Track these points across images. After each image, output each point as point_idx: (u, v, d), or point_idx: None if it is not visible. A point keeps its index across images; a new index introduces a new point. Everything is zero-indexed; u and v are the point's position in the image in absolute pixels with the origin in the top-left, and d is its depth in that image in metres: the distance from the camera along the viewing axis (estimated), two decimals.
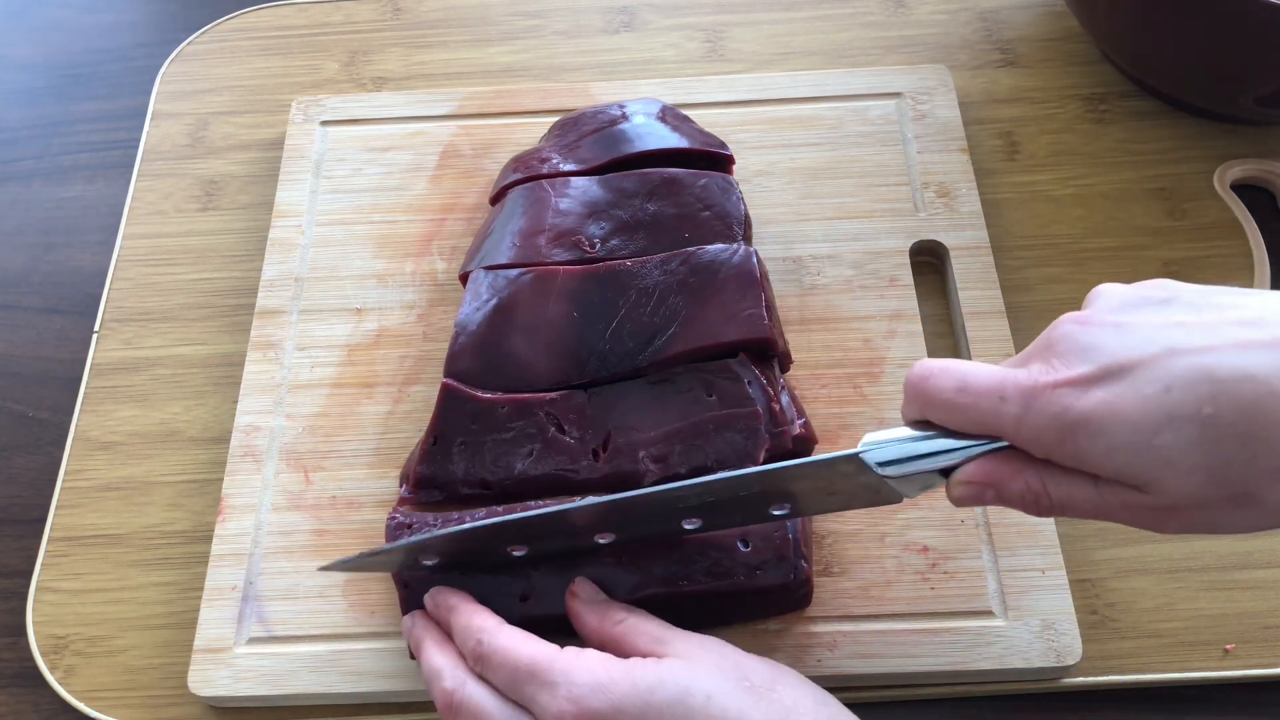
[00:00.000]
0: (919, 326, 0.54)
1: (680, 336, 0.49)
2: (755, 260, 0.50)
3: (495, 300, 0.51)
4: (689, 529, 0.43)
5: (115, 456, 0.55)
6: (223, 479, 0.52)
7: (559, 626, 0.44)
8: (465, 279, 0.53)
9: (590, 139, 0.57)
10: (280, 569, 0.49)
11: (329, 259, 0.59)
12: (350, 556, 0.45)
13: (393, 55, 0.69)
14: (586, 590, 0.44)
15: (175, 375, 0.57)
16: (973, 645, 0.46)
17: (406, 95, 0.64)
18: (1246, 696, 0.47)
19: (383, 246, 0.59)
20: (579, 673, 0.39)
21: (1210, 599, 0.48)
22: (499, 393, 0.49)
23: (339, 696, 0.47)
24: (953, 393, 0.37)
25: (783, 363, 0.51)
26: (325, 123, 0.63)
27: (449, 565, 0.45)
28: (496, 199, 0.57)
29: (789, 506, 0.42)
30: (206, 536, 0.51)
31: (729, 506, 0.42)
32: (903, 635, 0.46)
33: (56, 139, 0.68)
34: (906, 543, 0.48)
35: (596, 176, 0.55)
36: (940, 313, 0.56)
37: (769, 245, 0.57)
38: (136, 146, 0.66)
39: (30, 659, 0.50)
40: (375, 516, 0.50)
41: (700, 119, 0.60)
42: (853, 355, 0.54)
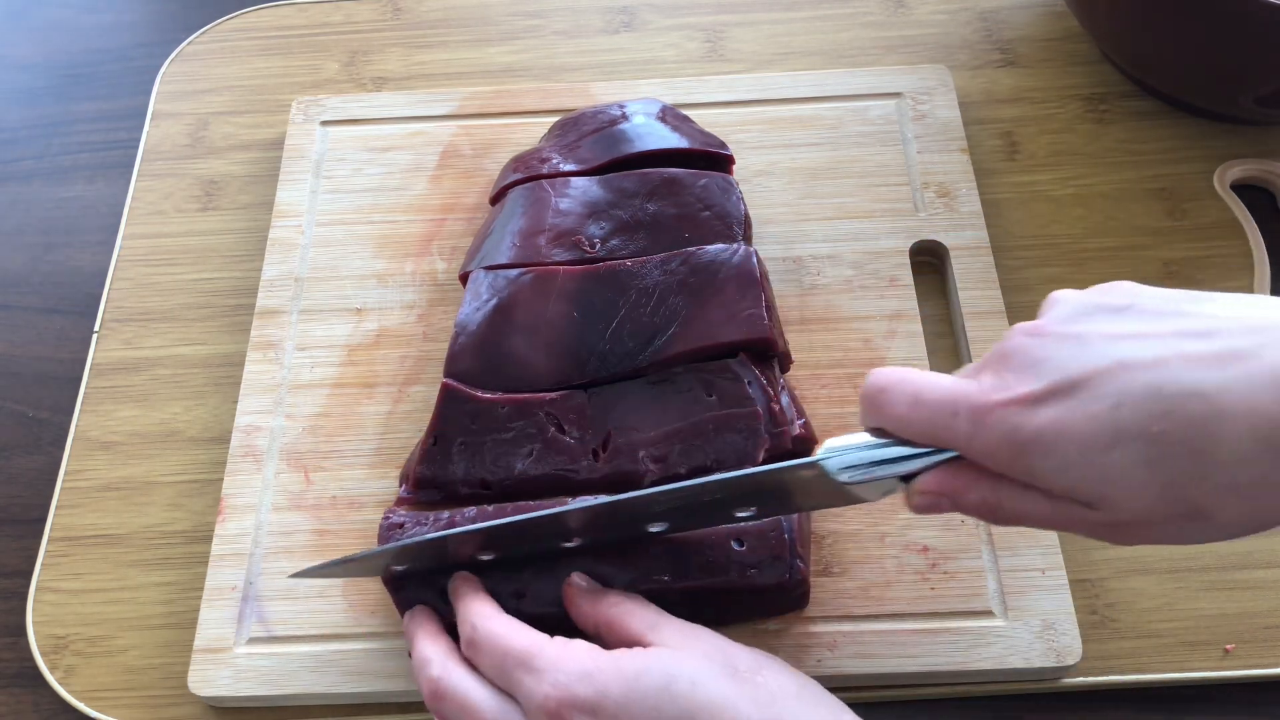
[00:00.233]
0: (919, 326, 0.54)
1: (680, 336, 0.49)
2: (755, 260, 0.50)
3: (495, 300, 0.51)
4: (654, 531, 0.43)
5: (115, 456, 0.55)
6: (223, 479, 0.52)
7: (554, 626, 0.44)
8: (465, 279, 0.53)
9: (590, 139, 0.57)
10: (280, 569, 0.49)
11: (329, 259, 0.59)
12: (317, 565, 0.46)
13: (393, 55, 0.69)
14: (584, 581, 0.44)
15: (175, 375, 0.57)
16: (973, 645, 0.46)
17: (406, 95, 0.64)
18: (1246, 696, 0.47)
19: (383, 246, 0.59)
20: (565, 661, 0.39)
21: (1210, 599, 0.48)
22: (499, 393, 0.49)
23: (339, 696, 0.47)
24: (906, 407, 0.37)
25: (783, 363, 0.51)
26: (325, 123, 0.63)
27: (436, 568, 0.45)
28: (496, 199, 0.57)
29: (754, 509, 0.42)
30: (206, 536, 0.51)
31: (694, 511, 0.43)
32: (903, 635, 0.46)
33: (56, 139, 0.68)
34: (906, 543, 0.48)
35: (596, 176, 0.55)
36: (940, 313, 0.56)
37: (769, 245, 0.57)
38: (136, 146, 0.66)
39: (30, 659, 0.50)
40: (375, 516, 0.50)
41: (700, 119, 0.60)
42: (853, 355, 0.54)
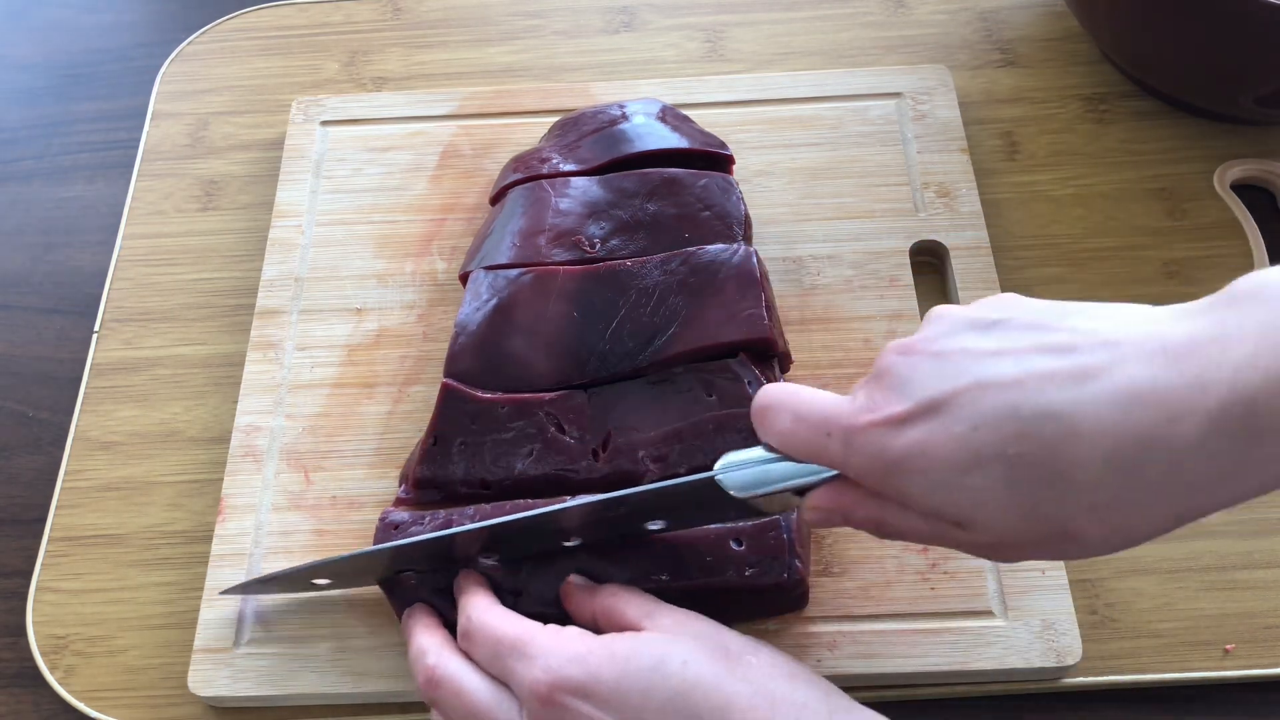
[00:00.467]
0: (919, 326, 0.54)
1: (680, 336, 0.49)
2: (755, 260, 0.50)
3: (495, 300, 0.51)
4: (567, 545, 0.44)
5: (115, 456, 0.55)
6: (223, 479, 0.52)
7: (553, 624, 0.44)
8: (465, 279, 0.53)
9: (590, 139, 0.57)
10: (280, 569, 0.49)
11: (329, 259, 0.59)
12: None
13: (393, 55, 0.69)
14: (581, 580, 0.44)
15: (175, 375, 0.57)
16: (973, 645, 0.46)
17: (406, 95, 0.64)
18: (1246, 696, 0.47)
19: (383, 246, 0.59)
20: (557, 646, 0.39)
21: (1210, 599, 0.48)
22: (499, 393, 0.49)
23: (339, 696, 0.47)
24: (787, 425, 0.37)
25: (783, 363, 0.51)
26: (325, 123, 0.63)
27: (434, 569, 0.45)
28: (496, 199, 0.57)
29: (663, 523, 0.43)
30: (206, 536, 0.51)
31: (604, 526, 0.43)
32: (903, 635, 0.46)
33: (56, 139, 0.68)
34: (906, 543, 0.48)
35: (596, 176, 0.55)
36: None
37: (769, 245, 0.57)
38: (136, 146, 0.66)
39: (30, 659, 0.50)
40: (375, 516, 0.50)
41: (700, 119, 0.60)
42: (853, 355, 0.54)
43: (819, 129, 0.61)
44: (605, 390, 0.49)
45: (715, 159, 0.56)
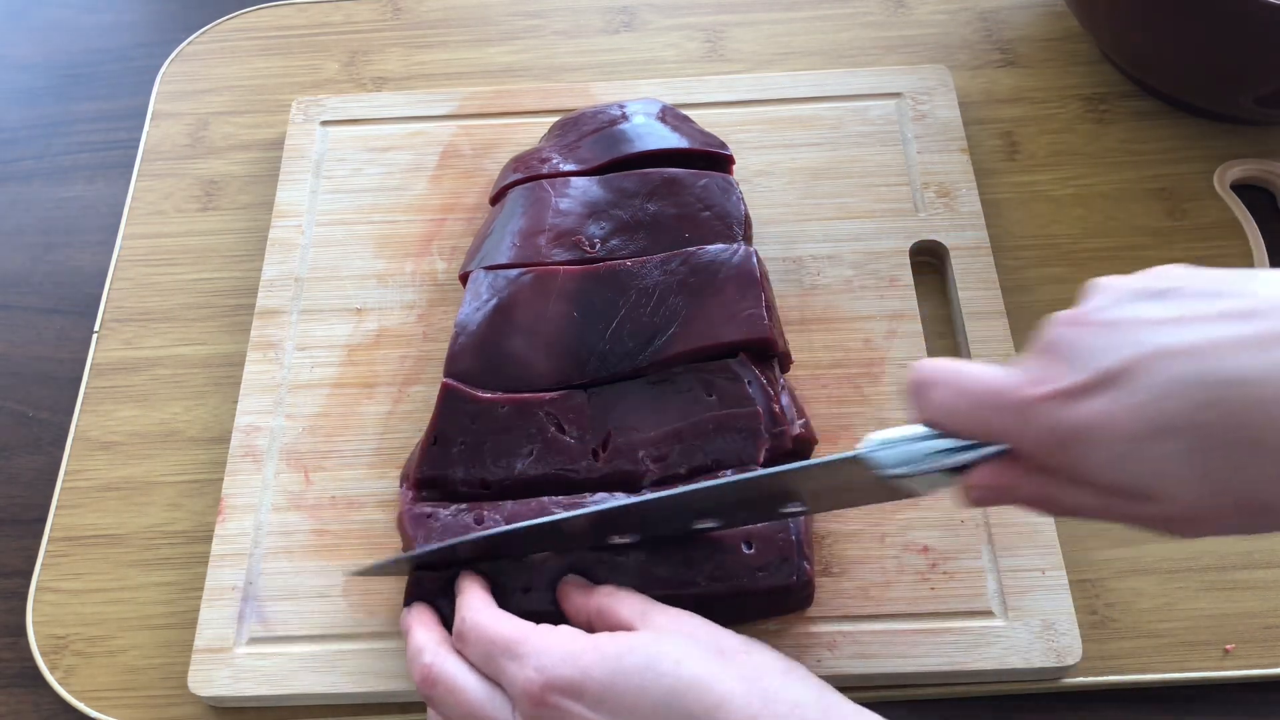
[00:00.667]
0: (919, 326, 0.54)
1: (680, 336, 0.49)
2: (755, 260, 0.50)
3: (495, 300, 0.51)
4: (700, 528, 0.44)
5: (115, 456, 0.55)
6: (223, 479, 0.52)
7: (557, 622, 0.44)
8: (465, 279, 0.53)
9: (590, 139, 0.57)
10: (280, 569, 0.49)
11: (329, 259, 0.59)
12: (385, 559, 0.46)
13: (393, 55, 0.69)
14: (578, 579, 0.45)
15: (175, 375, 0.57)
16: (973, 645, 0.46)
17: (406, 95, 0.64)
18: (1246, 696, 0.47)
19: (383, 246, 0.59)
20: (549, 646, 0.39)
21: (1210, 599, 0.48)
22: (499, 393, 0.49)
23: (339, 696, 0.47)
24: (951, 402, 0.36)
25: (783, 363, 0.51)
26: (325, 123, 0.63)
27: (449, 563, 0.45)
28: (496, 199, 0.57)
29: (800, 505, 0.42)
30: (206, 536, 0.51)
31: (739, 508, 0.42)
32: (903, 635, 0.46)
33: (56, 139, 0.68)
34: (906, 543, 0.48)
35: (596, 176, 0.55)
36: (940, 313, 0.56)
37: (769, 245, 0.57)
38: (136, 146, 0.66)
39: (30, 659, 0.50)
40: (375, 516, 0.50)
41: (700, 119, 0.60)
42: (853, 355, 0.54)
43: (819, 129, 0.61)
44: (605, 390, 0.49)
45: (715, 159, 0.56)
